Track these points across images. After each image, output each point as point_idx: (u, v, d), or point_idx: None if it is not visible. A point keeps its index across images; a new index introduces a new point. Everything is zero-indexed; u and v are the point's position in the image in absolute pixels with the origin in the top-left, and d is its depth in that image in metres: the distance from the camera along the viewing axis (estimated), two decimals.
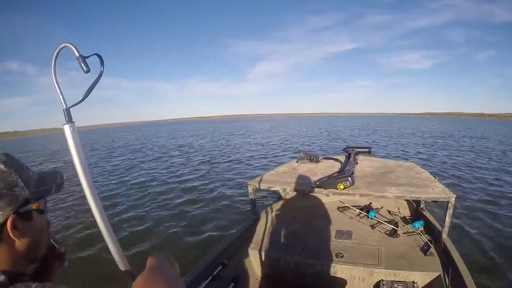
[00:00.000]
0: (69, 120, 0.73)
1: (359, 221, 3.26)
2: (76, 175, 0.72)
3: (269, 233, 3.03)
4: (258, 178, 3.20)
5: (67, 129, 0.72)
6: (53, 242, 0.78)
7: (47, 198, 0.70)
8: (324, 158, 4.10)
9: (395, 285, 2.33)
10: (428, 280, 2.38)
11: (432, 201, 2.77)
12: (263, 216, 3.38)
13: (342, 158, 3.85)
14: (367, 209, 3.39)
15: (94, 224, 0.75)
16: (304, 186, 2.88)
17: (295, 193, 3.44)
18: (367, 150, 3.84)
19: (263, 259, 2.69)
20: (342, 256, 2.56)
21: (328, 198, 3.70)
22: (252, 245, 2.79)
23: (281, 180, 3.12)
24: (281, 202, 3.81)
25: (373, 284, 2.45)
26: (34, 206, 0.65)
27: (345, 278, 2.50)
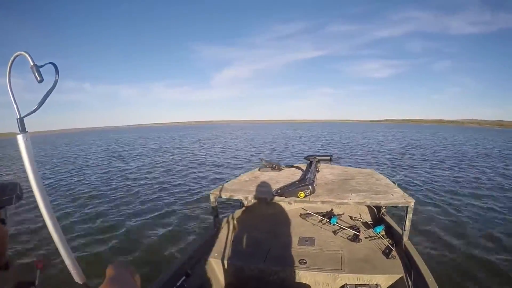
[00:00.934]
0: (23, 130, 0.71)
1: (321, 227, 3.34)
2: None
3: (232, 241, 3.03)
4: (220, 187, 3.19)
5: (20, 139, 0.70)
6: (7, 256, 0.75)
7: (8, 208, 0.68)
8: (286, 166, 4.19)
9: None
10: (391, 282, 2.47)
11: (392, 206, 2.89)
12: (225, 224, 3.39)
13: (304, 166, 3.94)
14: (329, 215, 3.48)
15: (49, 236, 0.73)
16: (265, 194, 2.92)
17: (257, 201, 3.49)
18: (328, 157, 3.95)
19: (226, 268, 2.69)
20: (306, 262, 2.61)
21: (291, 206, 3.77)
22: (215, 254, 2.78)
23: (243, 188, 3.13)
24: (243, 211, 3.83)
25: None
26: None
27: (309, 284, 2.54)
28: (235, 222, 3.51)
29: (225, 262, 2.69)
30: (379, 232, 3.13)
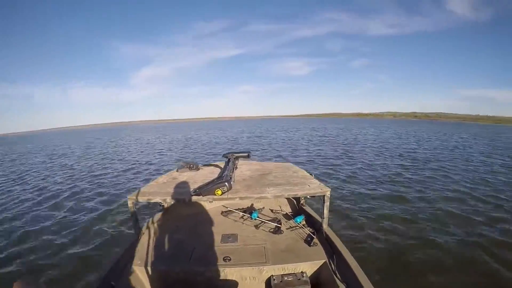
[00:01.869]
0: None
1: (243, 223, 3.41)
2: None
3: (154, 246, 2.94)
4: (137, 191, 3.05)
5: None
6: None
7: None
8: (204, 165, 4.16)
9: (285, 278, 2.49)
10: (315, 268, 2.61)
11: (310, 196, 3.04)
12: (146, 229, 3.29)
13: (222, 163, 3.96)
14: (250, 210, 3.59)
15: None
16: (184, 195, 2.86)
17: (177, 203, 3.40)
18: (246, 154, 3.98)
19: (151, 274, 2.59)
20: (230, 259, 2.63)
21: (211, 204, 3.80)
22: (138, 262, 2.66)
23: (161, 191, 3.04)
24: (163, 213, 3.75)
25: (264, 281, 2.57)
26: None
27: (236, 279, 2.56)
28: (155, 226, 3.43)
29: (149, 268, 2.59)
30: (300, 222, 3.28)
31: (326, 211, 2.92)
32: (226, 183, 2.75)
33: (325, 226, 2.98)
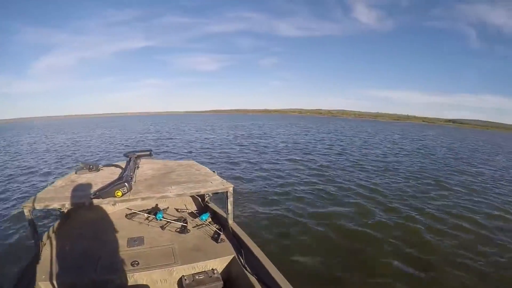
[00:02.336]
0: None
1: (148, 224, 3.33)
2: None
3: (58, 257, 2.68)
4: (33, 197, 2.73)
5: None
6: None
7: None
8: (105, 166, 3.93)
9: (197, 277, 2.51)
10: (225, 264, 2.69)
11: (213, 193, 3.11)
12: (47, 239, 2.97)
13: (124, 163, 3.78)
14: (155, 211, 3.50)
15: None
16: (84, 199, 2.67)
17: (78, 208, 3.15)
18: (148, 152, 3.84)
19: (56, 287, 2.37)
20: (138, 263, 2.55)
21: (114, 207, 3.63)
22: (42, 276, 2.39)
23: (59, 195, 2.78)
24: (64, 220, 3.45)
25: (176, 282, 2.56)
26: None
27: (147, 284, 2.50)
28: (57, 234, 3.12)
29: (54, 282, 2.36)
30: (206, 220, 3.34)
31: (230, 207, 3.04)
32: (126, 184, 2.63)
33: (230, 221, 3.09)
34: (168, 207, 3.76)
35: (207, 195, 3.87)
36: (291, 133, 28.18)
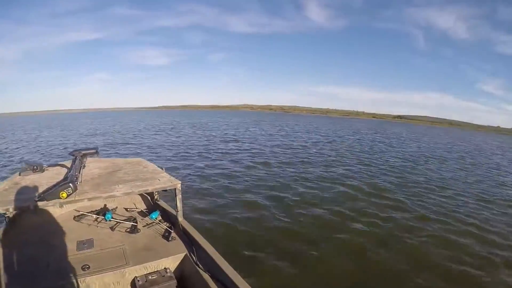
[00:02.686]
0: None
1: (97, 226, 3.23)
2: None
3: (4, 266, 2.53)
4: None
5: None
6: None
7: None
8: (50, 166, 3.73)
9: (150, 277, 2.49)
10: (177, 262, 2.70)
11: (162, 190, 3.11)
12: None
13: (70, 163, 3.63)
14: (104, 212, 3.40)
15: None
16: (28, 202, 2.55)
17: (22, 212, 2.97)
18: (94, 151, 3.75)
19: None
20: (89, 267, 2.48)
21: (61, 210, 3.48)
22: None
23: (2, 199, 2.63)
24: (9, 226, 3.23)
25: (129, 284, 2.52)
26: None
27: None
28: (2, 241, 2.92)
29: None
30: (156, 218, 3.32)
31: (179, 204, 3.06)
32: (70, 184, 2.54)
33: (180, 219, 3.11)
34: (117, 207, 3.65)
35: (156, 193, 3.83)
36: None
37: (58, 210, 3.45)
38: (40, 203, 2.51)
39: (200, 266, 2.54)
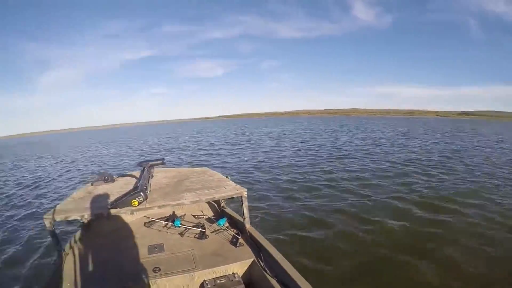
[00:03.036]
0: None
1: (167, 232, 3.38)
2: None
3: (80, 267, 2.76)
4: (53, 209, 2.82)
5: None
6: None
7: None
8: (120, 176, 4.02)
9: (218, 281, 2.54)
10: (245, 268, 2.72)
11: (228, 198, 3.16)
12: (70, 250, 3.05)
13: (138, 173, 3.86)
14: (172, 218, 3.55)
15: None
16: (101, 209, 2.77)
17: (97, 218, 3.24)
18: (161, 161, 3.95)
19: None
20: (160, 270, 2.59)
21: (133, 216, 3.70)
22: (67, 285, 2.47)
23: (78, 207, 2.87)
24: (85, 231, 3.54)
25: (198, 287, 2.59)
26: None
27: None
28: (79, 245, 3.20)
29: None
30: (223, 225, 3.39)
31: (246, 211, 3.09)
32: (141, 193, 2.72)
33: (247, 225, 3.13)
34: (185, 214, 3.82)
35: (222, 201, 3.91)
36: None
37: (130, 217, 3.68)
38: (113, 211, 2.69)
39: (268, 271, 2.52)
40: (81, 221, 3.60)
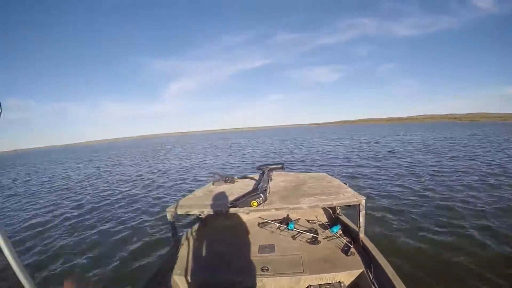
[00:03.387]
0: None
1: (280, 234, 3.47)
2: None
3: (193, 256, 3.06)
4: (176, 203, 3.21)
5: None
6: None
7: None
8: (239, 178, 4.25)
9: None
10: (353, 278, 2.61)
11: (345, 205, 3.06)
12: (185, 240, 3.43)
13: (257, 176, 4.03)
14: (286, 221, 3.63)
15: None
16: (221, 207, 2.97)
17: (214, 215, 3.53)
18: (280, 166, 4.07)
19: (190, 283, 2.69)
20: (268, 269, 2.68)
21: (248, 216, 3.89)
22: (178, 271, 2.78)
23: (198, 203, 3.16)
24: (201, 225, 3.88)
25: None
26: None
27: None
28: (194, 237, 3.56)
29: (189, 277, 2.70)
30: (336, 232, 3.32)
31: (362, 220, 2.95)
32: (261, 195, 2.84)
33: (361, 235, 3.00)
34: (299, 218, 3.85)
35: (338, 208, 3.84)
36: None
37: (246, 216, 3.87)
38: (231, 209, 2.89)
39: (376, 285, 2.39)
40: (200, 216, 3.91)
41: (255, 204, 2.81)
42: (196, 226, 3.82)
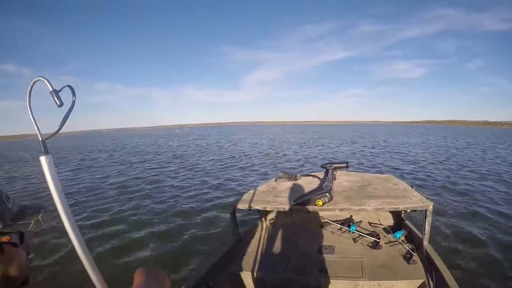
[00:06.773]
0: (45, 151, 0.76)
1: (341, 235, 3.35)
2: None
3: (252, 252, 3.10)
4: (238, 198, 3.27)
5: (43, 160, 0.75)
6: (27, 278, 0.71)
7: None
8: (303, 176, 4.17)
9: None
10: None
11: (411, 210, 2.88)
12: (245, 236, 3.43)
13: (321, 174, 3.92)
14: (348, 223, 3.49)
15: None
16: (284, 204, 2.96)
17: (276, 211, 3.53)
18: (345, 165, 3.92)
19: (247, 278, 2.74)
20: (326, 271, 2.64)
21: (309, 215, 3.80)
22: (236, 266, 2.84)
23: (261, 199, 3.17)
24: (262, 221, 3.89)
25: None
26: (5, 239, 0.64)
27: None
28: (254, 233, 3.59)
29: (247, 273, 2.74)
30: (399, 238, 3.13)
31: (427, 227, 2.75)
32: (327, 194, 2.78)
33: (425, 242, 2.81)
34: (361, 221, 3.71)
35: (403, 212, 3.61)
36: None
37: (306, 215, 3.81)
38: (294, 207, 2.87)
39: None
40: (261, 211, 3.92)
41: (320, 203, 2.74)
42: (256, 222, 3.86)
